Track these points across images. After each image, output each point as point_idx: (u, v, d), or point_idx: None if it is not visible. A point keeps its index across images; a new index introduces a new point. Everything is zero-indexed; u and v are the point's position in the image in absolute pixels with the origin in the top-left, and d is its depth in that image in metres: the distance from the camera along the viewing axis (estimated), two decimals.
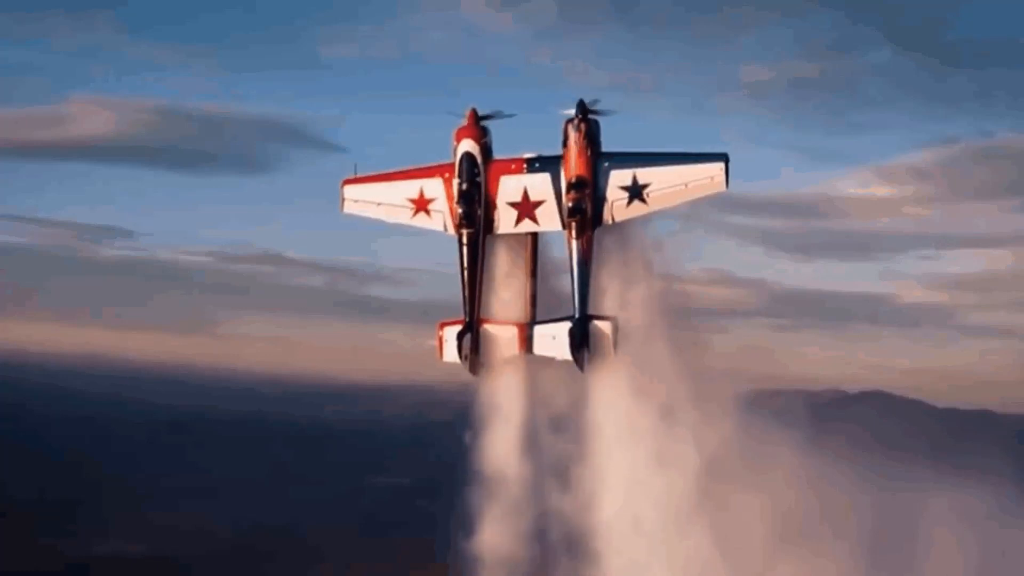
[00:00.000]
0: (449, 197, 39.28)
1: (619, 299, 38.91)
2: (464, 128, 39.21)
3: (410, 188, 39.96)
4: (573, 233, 37.89)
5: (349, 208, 40.85)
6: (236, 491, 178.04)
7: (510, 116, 39.82)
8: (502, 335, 38.80)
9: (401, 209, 40.11)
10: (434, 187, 39.63)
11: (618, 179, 38.14)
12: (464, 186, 38.60)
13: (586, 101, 38.44)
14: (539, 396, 40.12)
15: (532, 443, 40.04)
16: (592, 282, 38.02)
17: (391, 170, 40.62)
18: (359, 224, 41.12)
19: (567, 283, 38.08)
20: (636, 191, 38.03)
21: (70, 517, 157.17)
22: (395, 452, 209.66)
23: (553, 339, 38.09)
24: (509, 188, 38.98)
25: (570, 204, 37.75)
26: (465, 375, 38.61)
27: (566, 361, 37.88)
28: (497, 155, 39.42)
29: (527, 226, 39.11)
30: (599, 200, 38.15)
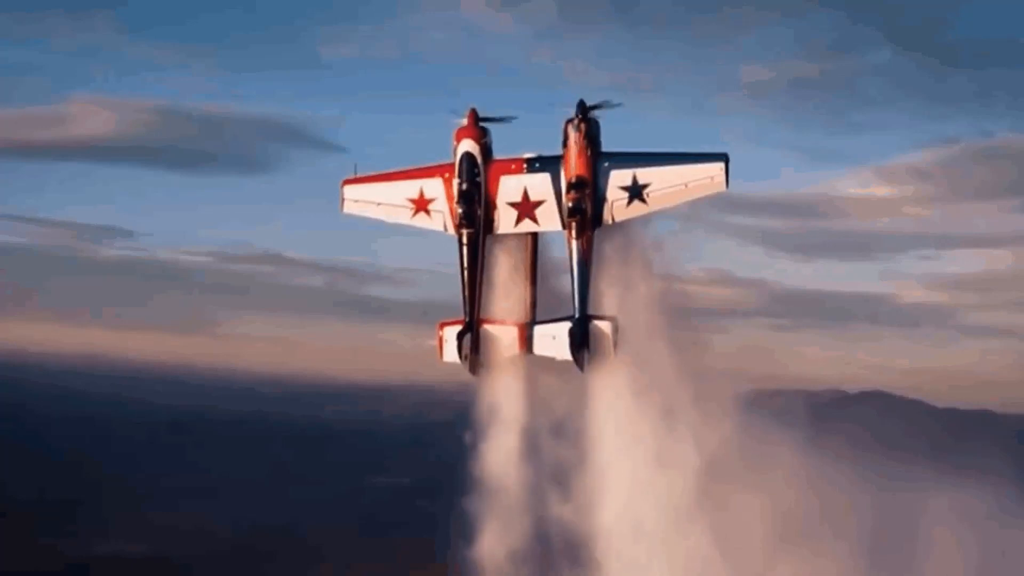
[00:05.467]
0: (449, 197, 39.24)
1: (619, 299, 38.86)
2: (464, 128, 39.14)
3: (410, 188, 39.92)
4: (573, 233, 37.84)
5: (349, 208, 40.79)
6: (236, 491, 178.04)
7: (511, 119, 39.80)
8: (502, 335, 38.76)
9: (401, 209, 40.06)
10: (434, 187, 39.60)
11: (618, 179, 38.10)
12: (464, 186, 38.55)
13: (592, 102, 38.35)
14: (539, 396, 40.07)
15: (532, 443, 40.01)
16: (592, 282, 37.97)
17: (391, 170, 40.57)
18: (359, 224, 41.11)
19: (567, 283, 38.04)
20: (636, 191, 37.99)
21: (70, 517, 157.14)
22: (395, 452, 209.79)
23: (553, 339, 38.05)
24: (509, 188, 38.94)
25: (570, 204, 37.71)
26: (465, 375, 38.56)
27: (566, 361, 37.82)
28: (497, 155, 39.37)
29: (527, 226, 39.06)
30: (599, 200, 38.10)
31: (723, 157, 37.54)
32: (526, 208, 38.85)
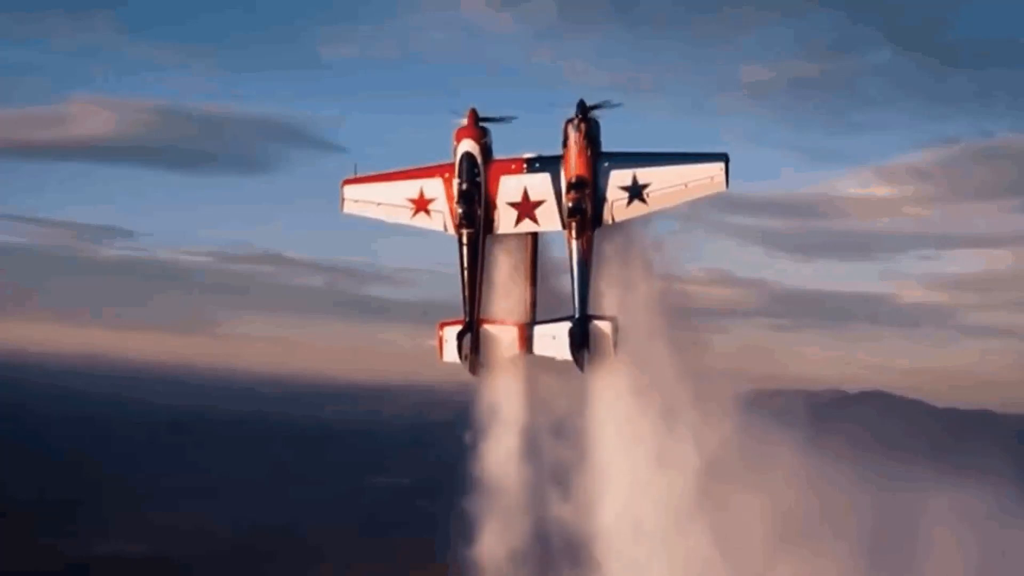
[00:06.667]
0: (449, 197, 39.22)
1: (619, 299, 38.85)
2: (464, 128, 39.12)
3: (410, 188, 39.90)
4: (573, 233, 37.82)
5: (349, 208, 40.78)
6: (236, 491, 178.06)
7: (511, 119, 39.80)
8: (502, 335, 38.74)
9: (401, 209, 40.05)
10: (434, 187, 39.59)
11: (618, 179, 38.07)
12: (464, 186, 38.54)
13: (592, 103, 38.34)
14: (539, 396, 40.06)
15: (532, 443, 39.99)
16: (592, 282, 37.95)
17: (391, 170, 40.57)
18: (359, 224, 41.08)
19: (567, 283, 38.01)
20: (636, 191, 37.97)
21: (70, 517, 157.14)
22: (395, 452, 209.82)
23: (553, 339, 38.03)
24: (509, 188, 38.92)
25: (570, 204, 37.69)
26: (465, 375, 38.53)
27: (566, 361, 37.79)
28: (497, 155, 39.35)
29: (527, 226, 39.04)
30: (599, 200, 38.06)
31: (723, 157, 37.50)
32: (526, 208, 38.83)
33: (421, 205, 39.72)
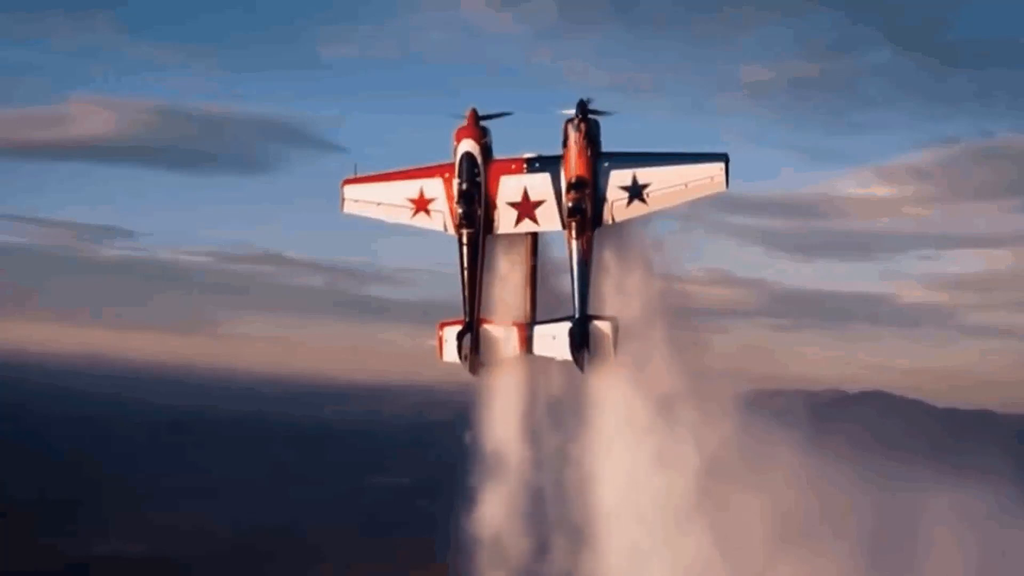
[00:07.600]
0: (449, 197, 39.27)
1: (619, 299, 38.91)
2: (464, 128, 39.18)
3: (410, 188, 39.95)
4: (573, 233, 37.86)
5: (349, 208, 40.84)
6: (236, 491, 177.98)
7: (508, 114, 39.82)
8: (502, 335, 38.79)
9: (401, 209, 40.10)
10: (434, 187, 39.63)
11: (618, 179, 38.13)
12: (464, 186, 38.58)
13: (591, 106, 38.39)
14: (539, 396, 40.13)
15: (532, 443, 40.04)
16: (592, 282, 38.01)
17: (391, 170, 40.62)
18: (359, 224, 41.14)
19: (567, 283, 38.06)
20: (636, 191, 38.02)
21: (70, 517, 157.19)
22: (395, 452, 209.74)
23: (553, 339, 38.07)
24: (509, 188, 38.97)
25: (570, 204, 37.74)
26: (465, 375, 38.58)
27: (566, 361, 37.86)
28: (497, 155, 39.40)
29: (527, 226, 39.09)
30: (599, 200, 38.13)
31: (723, 157, 37.57)
32: (526, 208, 38.87)
33: (421, 205, 39.75)
